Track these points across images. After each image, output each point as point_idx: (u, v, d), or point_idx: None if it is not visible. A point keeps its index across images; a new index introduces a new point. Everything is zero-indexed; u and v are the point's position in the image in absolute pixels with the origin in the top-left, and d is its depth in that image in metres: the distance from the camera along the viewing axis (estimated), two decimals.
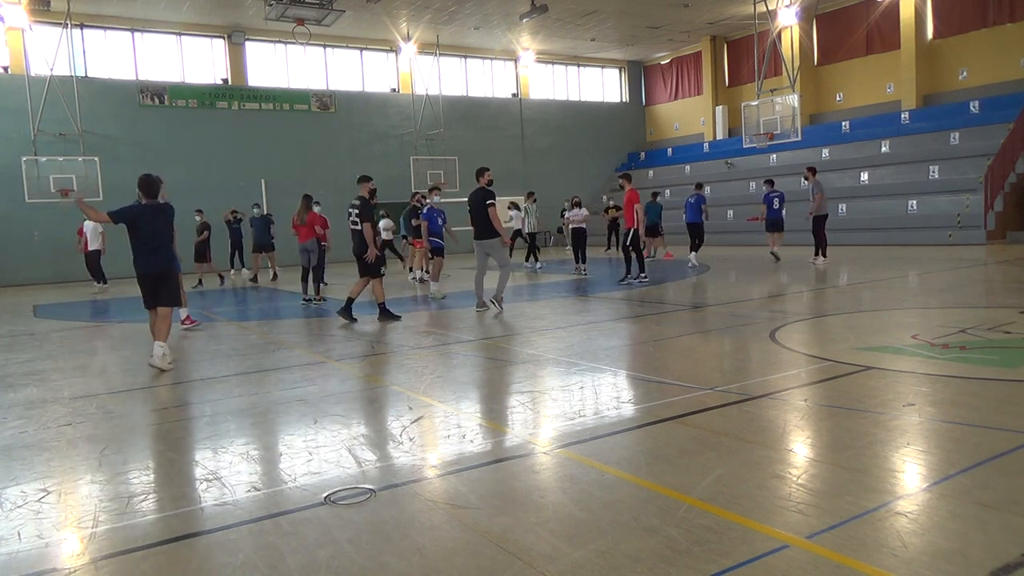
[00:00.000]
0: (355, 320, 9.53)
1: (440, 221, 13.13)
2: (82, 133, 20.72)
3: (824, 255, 14.85)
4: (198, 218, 16.74)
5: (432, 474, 3.75)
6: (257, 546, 2.94)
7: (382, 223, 18.45)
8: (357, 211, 9.55)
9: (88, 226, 16.91)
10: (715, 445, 3.87)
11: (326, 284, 13.41)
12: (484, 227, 9.78)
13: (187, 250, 14.67)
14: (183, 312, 9.28)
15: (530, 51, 29.60)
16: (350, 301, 9.59)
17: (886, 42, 24.52)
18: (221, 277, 17.72)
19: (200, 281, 16.89)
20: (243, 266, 19.81)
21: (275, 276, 17.95)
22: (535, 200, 18.21)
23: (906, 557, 2.54)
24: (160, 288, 7.02)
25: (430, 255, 13.31)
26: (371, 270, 9.54)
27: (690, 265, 15.55)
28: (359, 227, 9.54)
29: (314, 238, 12.24)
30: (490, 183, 9.89)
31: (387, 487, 3.52)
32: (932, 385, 4.95)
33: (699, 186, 17.15)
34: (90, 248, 17.02)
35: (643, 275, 12.87)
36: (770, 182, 16.40)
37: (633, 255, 12.89)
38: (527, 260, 18.05)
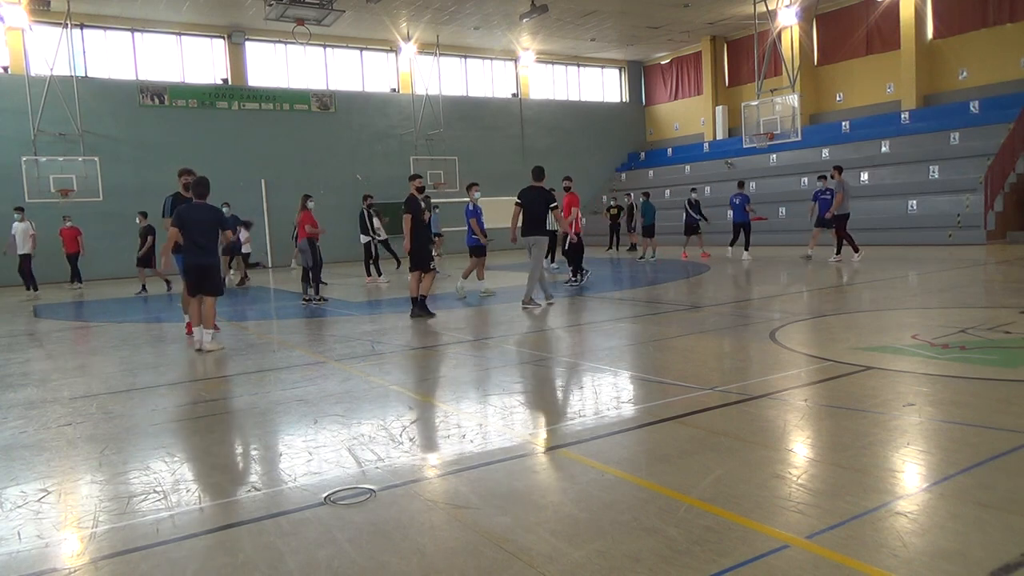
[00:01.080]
0: (433, 315, 9.66)
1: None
2: (82, 133, 20.72)
3: (854, 251, 15.03)
4: (139, 222, 15.84)
5: (432, 474, 3.75)
6: (257, 546, 2.94)
7: (242, 234, 16.73)
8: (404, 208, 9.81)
9: (17, 228, 16.09)
10: (715, 445, 3.87)
11: (325, 284, 13.38)
12: (538, 225, 10.22)
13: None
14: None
15: (530, 51, 29.59)
16: (422, 299, 9.67)
17: (886, 42, 24.52)
18: (168, 283, 16.36)
19: (144, 287, 15.88)
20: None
21: (245, 279, 16.89)
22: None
23: (906, 557, 2.55)
24: (205, 279, 7.71)
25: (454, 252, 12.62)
26: (421, 264, 9.65)
27: (744, 258, 16.53)
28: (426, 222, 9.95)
29: (306, 238, 12.10)
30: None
31: (387, 487, 3.52)
32: (932, 385, 4.95)
33: (741, 184, 17.57)
34: (20, 252, 16.01)
35: (574, 280, 12.90)
36: (823, 177, 16.26)
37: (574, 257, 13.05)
38: (553, 261, 17.79)
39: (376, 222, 15.78)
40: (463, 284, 12.01)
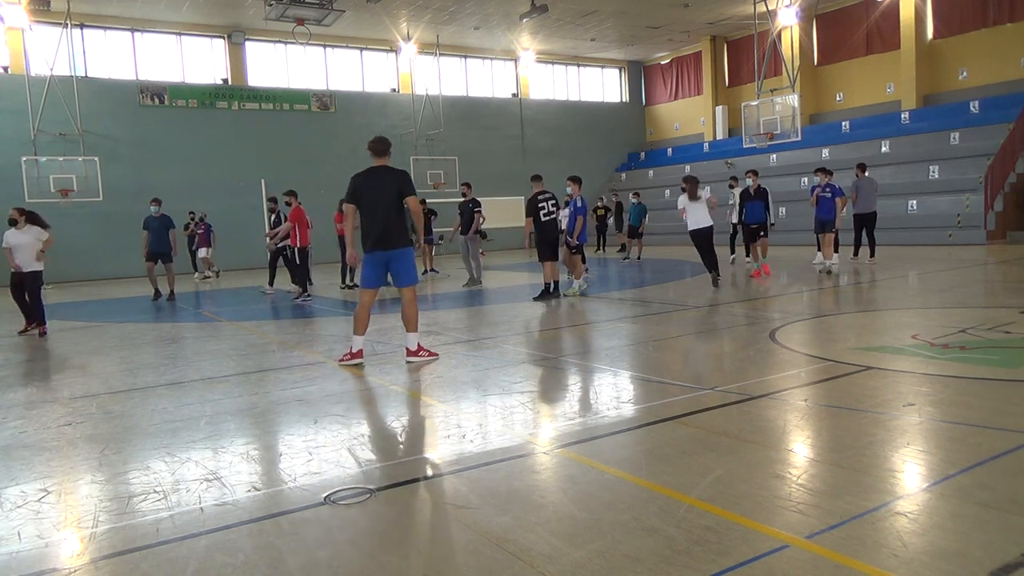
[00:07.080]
0: (558, 296, 11.10)
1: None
2: (82, 133, 20.71)
3: (870, 254, 14.30)
4: (156, 211, 13.97)
5: (432, 474, 3.75)
6: (257, 546, 2.94)
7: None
8: (554, 203, 11.13)
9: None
10: (715, 445, 3.86)
11: (312, 283, 13.68)
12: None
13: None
14: (413, 341, 6.67)
15: (530, 51, 29.59)
16: (554, 285, 11.13)
17: (886, 42, 24.52)
18: (158, 291, 14.27)
19: (159, 291, 14.30)
20: (195, 270, 20.05)
21: (171, 295, 14.19)
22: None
23: (906, 557, 2.54)
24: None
25: (572, 251, 11.95)
26: (550, 254, 11.11)
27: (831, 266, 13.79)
28: (553, 217, 11.11)
29: (341, 235, 13.60)
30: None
31: (387, 487, 3.52)
32: (932, 385, 4.94)
33: (829, 173, 15.06)
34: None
35: (307, 294, 12.87)
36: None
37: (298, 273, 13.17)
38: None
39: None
40: (580, 283, 11.80)
